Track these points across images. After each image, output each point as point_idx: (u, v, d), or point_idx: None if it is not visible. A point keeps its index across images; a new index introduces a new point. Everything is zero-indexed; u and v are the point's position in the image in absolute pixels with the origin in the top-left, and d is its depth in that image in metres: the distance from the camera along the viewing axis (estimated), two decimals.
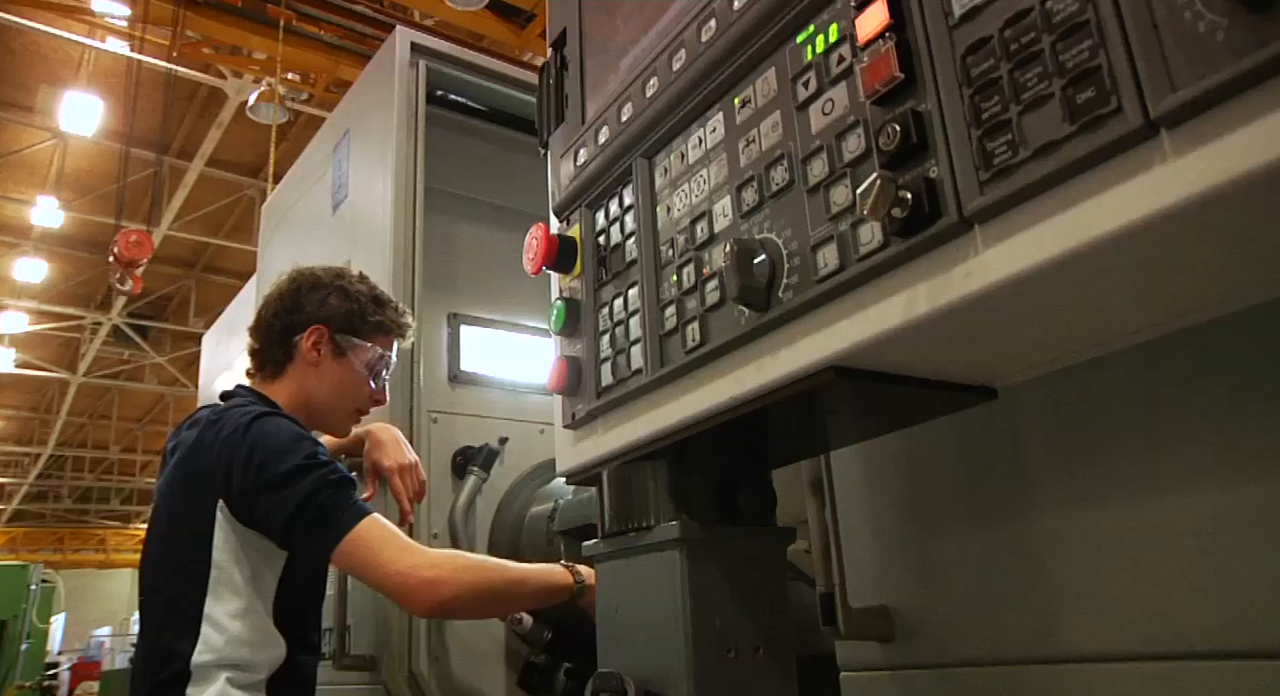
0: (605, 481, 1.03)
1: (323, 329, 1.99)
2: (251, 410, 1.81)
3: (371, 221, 2.63)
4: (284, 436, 1.75)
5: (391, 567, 1.65)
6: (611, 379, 0.92)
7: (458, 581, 1.68)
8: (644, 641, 0.94)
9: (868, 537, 1.08)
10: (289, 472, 1.69)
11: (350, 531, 1.67)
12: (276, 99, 9.91)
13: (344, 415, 2.06)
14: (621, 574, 1.00)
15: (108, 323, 14.00)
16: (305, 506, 1.67)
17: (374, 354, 2.03)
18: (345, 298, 2.03)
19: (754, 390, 0.76)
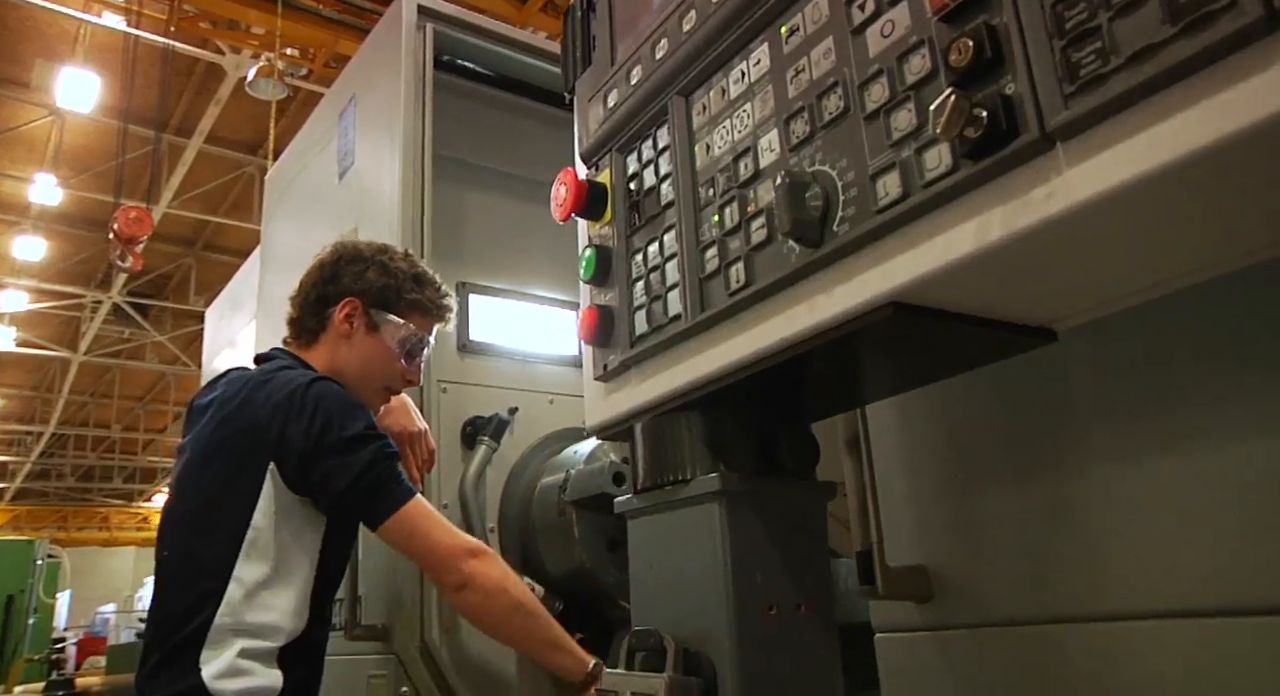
0: (638, 434, 0.99)
1: (357, 301, 1.96)
2: (306, 373, 1.81)
3: (379, 189, 2.59)
4: (344, 403, 1.76)
5: (441, 543, 1.69)
6: (647, 327, 0.88)
7: (495, 573, 1.71)
8: (682, 598, 0.92)
9: (903, 494, 1.05)
10: (352, 439, 1.69)
11: (404, 505, 1.69)
12: (275, 74, 9.82)
13: (373, 391, 2.01)
14: (657, 529, 0.97)
15: (108, 301, 13.92)
16: (365, 474, 1.67)
17: (408, 331, 1.99)
18: (384, 272, 2.00)
19: (806, 330, 0.72)
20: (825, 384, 0.93)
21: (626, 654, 0.94)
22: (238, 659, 1.62)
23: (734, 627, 0.86)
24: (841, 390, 0.97)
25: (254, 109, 10.90)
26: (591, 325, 0.96)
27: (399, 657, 2.16)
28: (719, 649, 0.86)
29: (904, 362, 0.85)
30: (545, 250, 2.90)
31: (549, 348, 2.83)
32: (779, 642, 0.88)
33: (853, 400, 0.99)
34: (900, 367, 0.87)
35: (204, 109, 10.95)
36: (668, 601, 0.94)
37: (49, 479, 21.07)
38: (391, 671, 2.17)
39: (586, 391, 1.03)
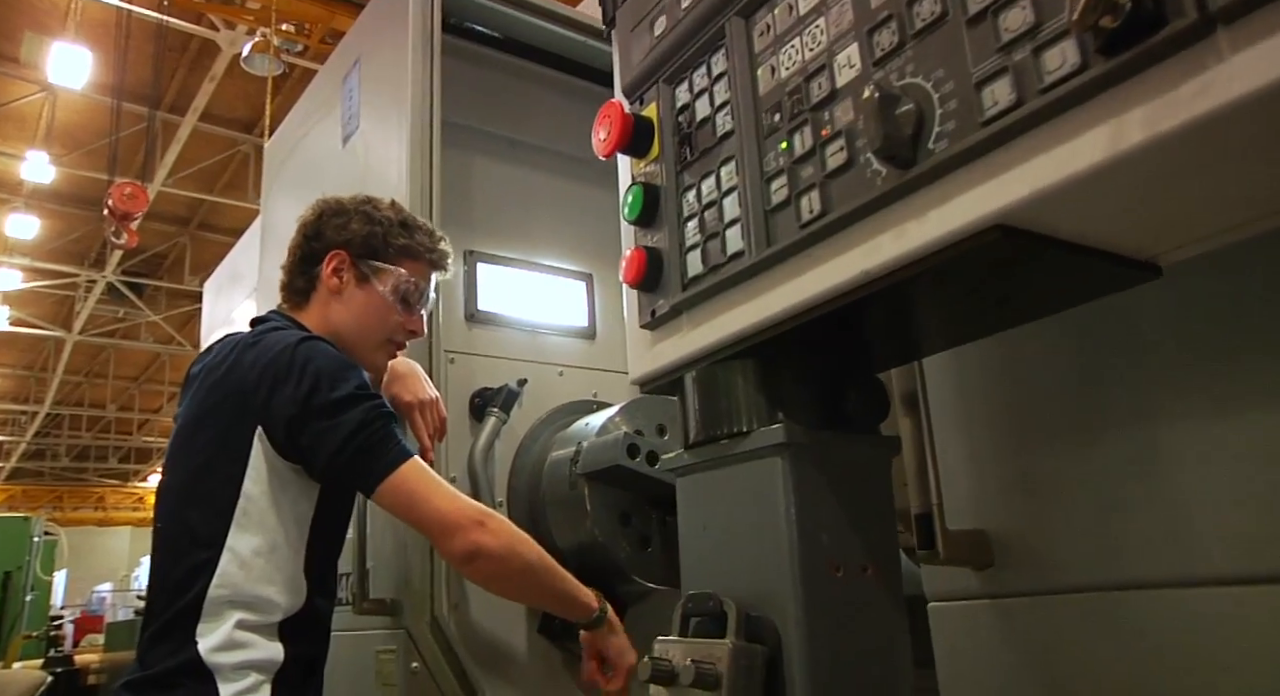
0: (689, 386, 0.92)
1: (343, 254, 1.88)
2: (296, 333, 1.73)
3: (385, 154, 2.51)
4: (334, 362, 1.67)
5: (443, 505, 1.61)
6: (702, 267, 0.82)
7: (503, 537, 1.64)
8: (740, 560, 0.85)
9: (958, 454, 0.99)
10: (341, 400, 1.61)
11: (400, 467, 1.60)
12: (271, 50, 9.71)
13: (372, 346, 1.93)
14: (712, 486, 0.90)
15: (102, 280, 13.82)
16: (356, 436, 1.59)
17: (400, 278, 1.91)
18: (368, 221, 1.91)
19: (891, 261, 0.66)
20: (896, 328, 0.86)
21: (680, 619, 0.87)
22: (236, 631, 1.56)
23: (800, 591, 0.79)
24: (910, 336, 0.90)
25: (249, 86, 10.81)
26: (639, 268, 0.88)
27: (409, 632, 2.10)
28: (783, 613, 0.79)
29: (987, 302, 0.78)
30: (554, 219, 2.84)
31: (558, 318, 2.77)
32: (846, 608, 0.82)
33: (920, 348, 0.93)
34: (980, 309, 0.81)
35: (198, 86, 10.84)
36: (724, 563, 0.87)
37: (44, 459, 20.99)
38: (401, 646, 2.11)
39: (630, 341, 0.96)
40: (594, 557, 2.42)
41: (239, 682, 1.55)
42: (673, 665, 0.82)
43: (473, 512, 1.63)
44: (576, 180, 2.94)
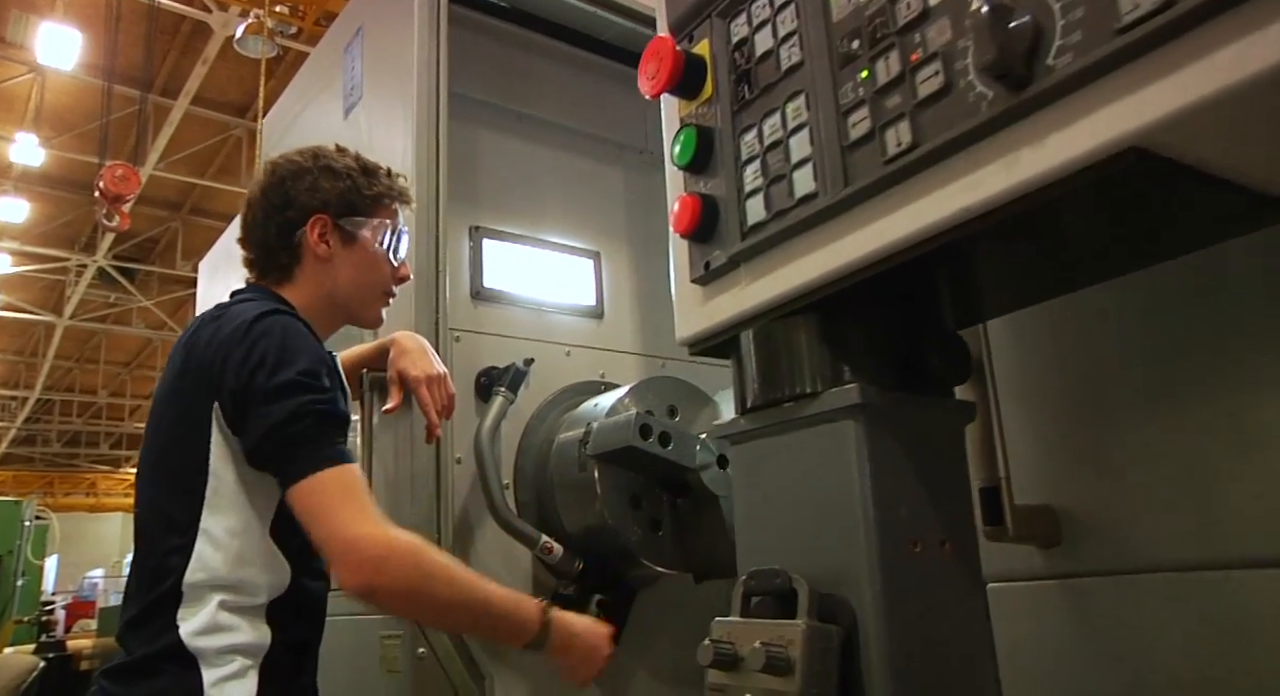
0: (747, 344, 0.85)
1: (323, 217, 1.78)
2: (262, 305, 1.63)
3: (390, 126, 2.43)
4: (288, 343, 1.55)
5: (344, 529, 1.43)
6: (764, 213, 0.74)
7: (402, 581, 1.45)
8: (808, 534, 0.78)
9: (1025, 424, 0.92)
10: (280, 386, 1.49)
11: (317, 473, 1.44)
12: (265, 32, 9.59)
13: (371, 302, 1.87)
14: (774, 454, 0.82)
15: (93, 265, 13.70)
16: (283, 428, 1.47)
17: (384, 228, 1.83)
18: (335, 176, 1.81)
19: (1001, 194, 0.58)
20: (977, 279, 0.79)
21: (742, 598, 0.80)
22: (219, 613, 1.49)
23: (878, 567, 0.72)
24: (991, 289, 0.82)
25: (242, 70, 10.68)
26: (692, 216, 0.81)
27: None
28: (858, 592, 0.72)
29: (1088, 249, 0.71)
30: (561, 196, 2.77)
31: (565, 297, 2.70)
32: (926, 586, 0.75)
33: (1000, 303, 0.85)
34: (1079, 257, 0.73)
35: (190, 69, 10.72)
36: (788, 538, 0.79)
37: (35, 444, 20.86)
38: (407, 631, 2.04)
39: (678, 298, 0.89)
40: (603, 541, 2.35)
41: (223, 667, 1.47)
42: (735, 648, 0.75)
43: (374, 550, 1.42)
44: (584, 156, 2.86)
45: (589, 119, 2.86)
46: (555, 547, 2.33)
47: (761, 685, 0.72)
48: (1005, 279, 0.79)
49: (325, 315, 1.82)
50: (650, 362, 2.83)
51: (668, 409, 2.45)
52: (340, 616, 2.31)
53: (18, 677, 2.69)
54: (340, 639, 2.30)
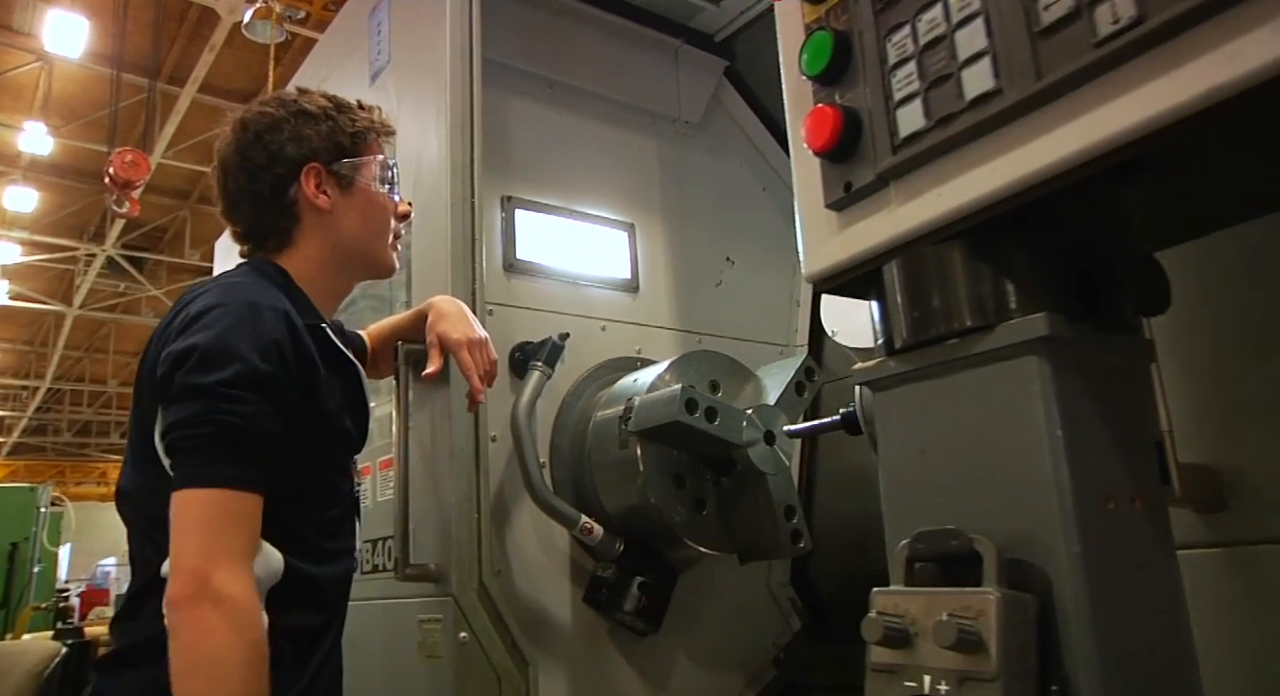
0: (893, 276, 0.75)
1: (316, 166, 1.66)
2: (236, 286, 1.51)
3: (421, 89, 2.34)
4: (224, 343, 1.41)
5: (185, 557, 1.31)
6: (923, 121, 0.65)
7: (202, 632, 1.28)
8: (980, 489, 0.68)
9: (1182, 373, 0.82)
10: (193, 388, 1.37)
11: (194, 489, 1.33)
12: (273, 17, 9.48)
13: (382, 247, 1.77)
14: (932, 400, 0.72)
15: (102, 254, 13.63)
16: (180, 428, 1.37)
17: (377, 163, 1.74)
18: (313, 120, 1.68)
19: (1263, 68, 0.48)
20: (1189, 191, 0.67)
21: (905, 564, 0.70)
22: None
23: (1074, 526, 0.62)
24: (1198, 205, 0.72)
25: (249, 57, 10.57)
26: (833, 130, 0.70)
27: (456, 601, 1.95)
28: (1050, 555, 0.63)
29: None
30: (594, 166, 2.68)
31: (600, 270, 2.62)
32: (1123, 549, 0.65)
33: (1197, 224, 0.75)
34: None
35: (197, 56, 10.60)
36: (952, 495, 0.69)
37: (46, 434, 20.87)
38: (449, 615, 1.96)
39: (805, 229, 0.79)
40: (644, 521, 2.27)
41: None
42: (905, 623, 0.66)
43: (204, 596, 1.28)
44: (617, 125, 2.77)
45: (621, 86, 2.77)
46: (596, 528, 2.25)
47: (944, 663, 0.62)
48: (1216, 192, 0.69)
49: (339, 273, 1.72)
50: (686, 338, 2.75)
51: (709, 384, 2.36)
52: (374, 600, 2.24)
53: (41, 662, 2.62)
54: (374, 623, 2.23)
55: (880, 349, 0.77)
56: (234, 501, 1.35)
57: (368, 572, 2.28)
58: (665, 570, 2.34)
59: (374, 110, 1.81)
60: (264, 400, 1.41)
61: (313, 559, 1.53)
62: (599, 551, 2.29)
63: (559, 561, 2.34)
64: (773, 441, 2.26)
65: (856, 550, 2.83)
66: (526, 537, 2.28)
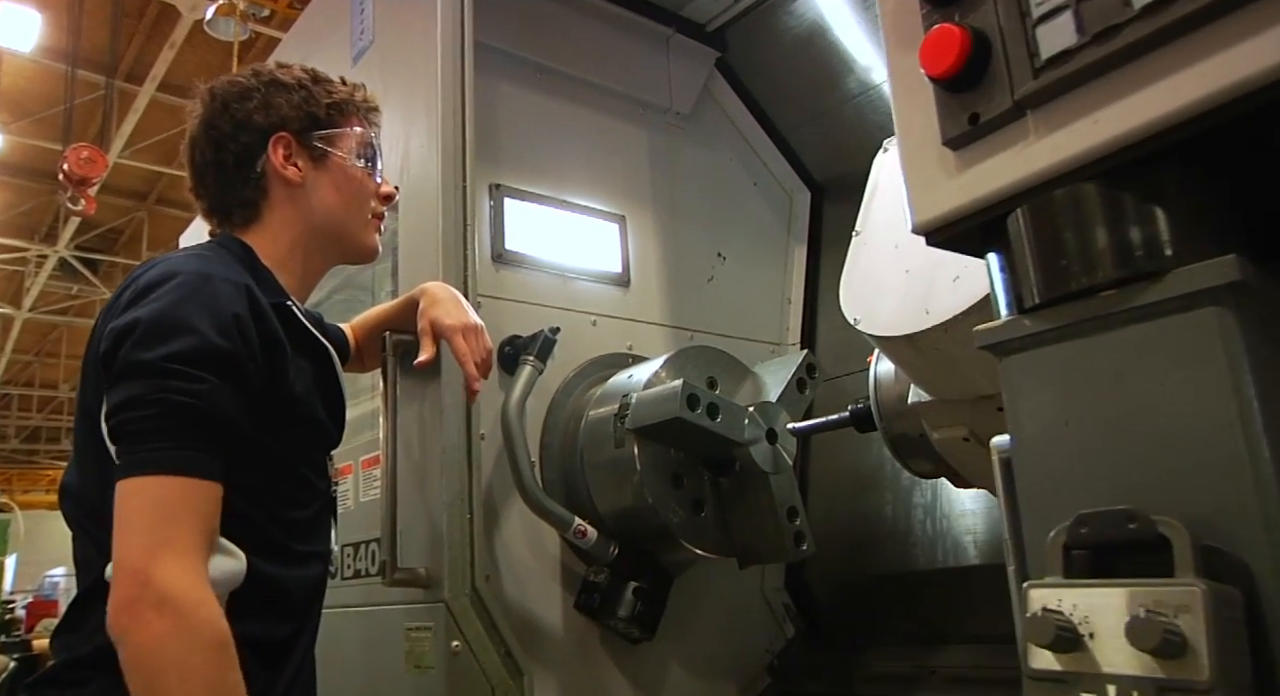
0: (1021, 223, 0.65)
1: (285, 135, 1.55)
2: (173, 266, 1.35)
3: (409, 70, 2.22)
4: (173, 315, 1.27)
5: (127, 556, 1.18)
6: (1074, 38, 0.56)
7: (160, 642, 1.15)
8: (1148, 465, 0.58)
9: None
10: (141, 364, 1.24)
11: (139, 477, 1.20)
12: (236, 13, 9.29)
13: (362, 225, 1.65)
14: (1080, 362, 0.63)
15: (54, 255, 13.26)
16: (124, 409, 1.23)
17: (357, 136, 1.63)
18: (286, 90, 1.57)
19: None
20: None
21: (1063, 552, 0.60)
22: None
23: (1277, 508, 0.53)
24: None
25: (210, 56, 10.33)
26: (960, 51, 0.61)
27: (447, 607, 1.83)
28: (1250, 543, 0.53)
29: None
30: (585, 156, 2.59)
31: (590, 262, 2.52)
32: None
33: None
34: None
35: (157, 54, 10.35)
36: (1112, 472, 0.59)
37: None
38: (440, 623, 1.84)
39: (913, 172, 0.69)
40: (640, 523, 2.17)
41: None
42: (1075, 622, 0.55)
43: (147, 596, 1.15)
44: (608, 114, 2.68)
45: (612, 74, 2.68)
46: (589, 531, 2.15)
47: (1137, 670, 0.51)
48: None
49: (312, 253, 1.59)
50: (678, 335, 2.66)
51: (707, 381, 2.27)
52: (355, 607, 2.12)
53: None
54: (355, 632, 2.10)
55: (1004, 308, 0.68)
56: (184, 489, 1.21)
57: (348, 578, 2.15)
58: (660, 574, 2.25)
59: (357, 87, 1.70)
60: (221, 378, 1.27)
61: (279, 561, 1.40)
62: (592, 555, 2.19)
63: (549, 565, 2.24)
64: (775, 440, 2.18)
65: (852, 554, 2.76)
66: (515, 540, 2.17)
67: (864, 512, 2.74)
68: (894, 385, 1.75)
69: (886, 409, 1.76)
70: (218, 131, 1.54)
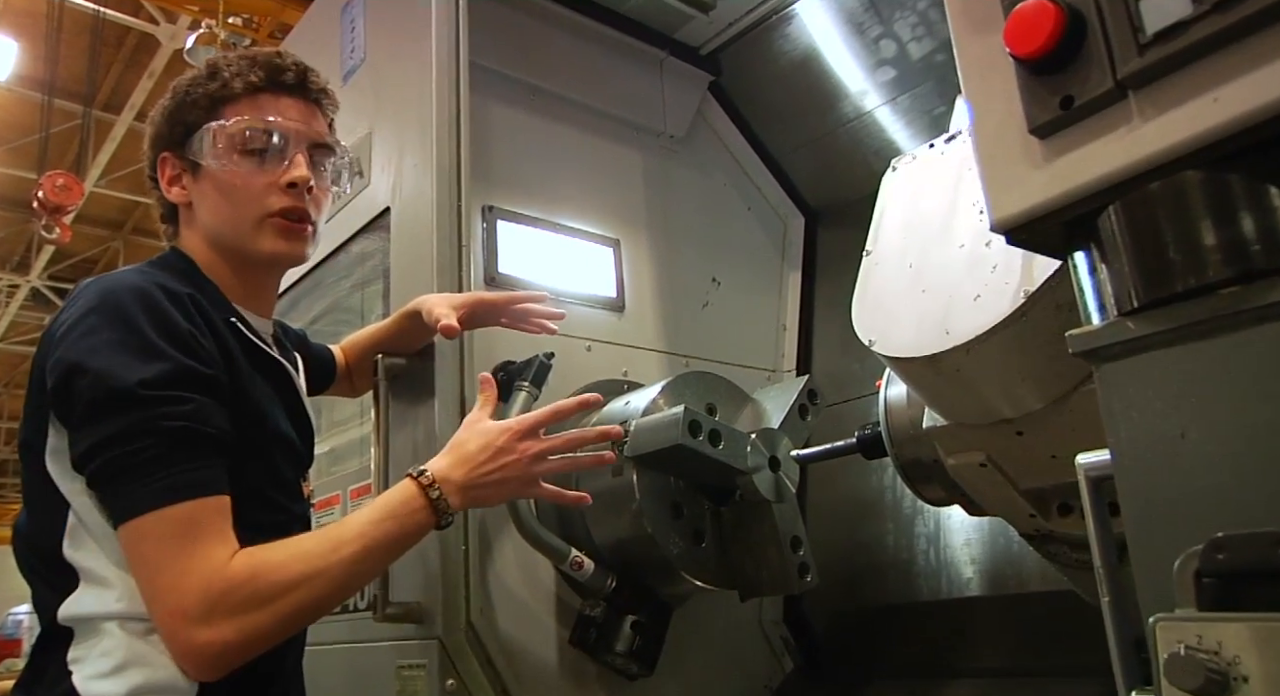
0: (1114, 220, 0.60)
1: (166, 156, 1.45)
2: (104, 285, 1.27)
3: (402, 87, 2.17)
4: (126, 338, 1.19)
5: (161, 599, 1.14)
6: (1189, 9, 0.51)
7: (242, 635, 1.15)
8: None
9: None
10: (110, 399, 1.15)
11: (143, 515, 1.14)
12: (217, 43, 9.25)
13: (248, 232, 1.42)
14: (1197, 367, 0.56)
15: (26, 285, 13.12)
16: (106, 449, 1.15)
17: (218, 131, 1.39)
18: (167, 101, 1.47)
19: None
20: None
21: (1195, 580, 0.53)
22: (125, 644, 1.19)
23: None
24: None
25: None
26: (1054, 27, 0.55)
27: (442, 644, 1.75)
28: None
29: None
30: (579, 178, 2.54)
31: (584, 287, 2.47)
32: None
33: None
34: None
35: (135, 83, 10.34)
36: (1241, 491, 0.53)
37: None
38: (433, 660, 1.76)
39: (992, 164, 0.63)
40: (637, 554, 2.10)
41: None
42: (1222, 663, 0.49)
43: (192, 625, 1.12)
44: (601, 136, 2.64)
45: (605, 96, 2.64)
46: (586, 563, 2.08)
47: None
48: None
49: (228, 269, 1.45)
50: (673, 361, 2.61)
51: (706, 407, 2.22)
52: (341, 644, 2.03)
53: None
54: (340, 671, 2.01)
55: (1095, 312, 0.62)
56: (194, 511, 1.16)
57: (335, 613, 2.06)
58: (659, 607, 2.17)
59: (270, 58, 1.48)
60: (204, 395, 1.21)
61: None
62: (589, 587, 2.12)
63: (544, 599, 2.16)
64: (778, 467, 2.12)
65: (852, 585, 2.70)
66: (510, 573, 2.09)
67: (864, 542, 2.68)
68: (906, 409, 1.70)
69: (898, 434, 1.71)
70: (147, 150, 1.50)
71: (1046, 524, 1.55)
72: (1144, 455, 0.59)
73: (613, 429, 1.60)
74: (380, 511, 1.31)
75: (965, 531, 2.44)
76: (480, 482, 1.40)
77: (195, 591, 1.13)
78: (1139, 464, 0.59)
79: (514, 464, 1.43)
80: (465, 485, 1.38)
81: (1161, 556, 0.56)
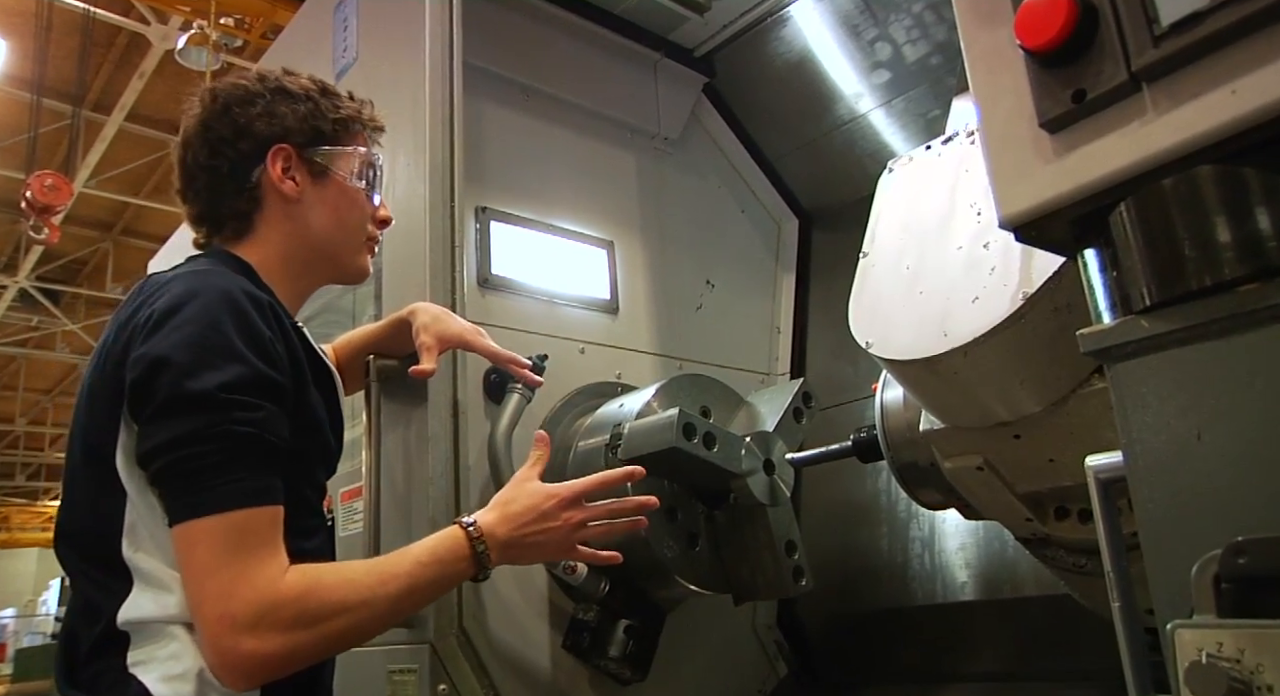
0: (1125, 217, 0.59)
1: (286, 148, 1.47)
2: (194, 283, 1.28)
3: (394, 87, 2.15)
4: (214, 337, 1.22)
5: (210, 603, 1.15)
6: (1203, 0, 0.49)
7: (285, 650, 1.16)
8: None
9: None
10: (189, 397, 1.17)
11: (201, 520, 1.15)
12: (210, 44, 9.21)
13: (355, 248, 1.58)
14: (1214, 366, 0.55)
15: (14, 286, 13.02)
16: (175, 448, 1.16)
17: (359, 157, 1.56)
18: (292, 99, 1.49)
19: None
20: None
21: (1214, 585, 0.52)
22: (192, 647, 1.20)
23: None
24: None
25: (180, 86, 10.19)
26: (1066, 19, 0.54)
27: (434, 648, 1.73)
28: None
29: None
30: (573, 179, 2.53)
31: (578, 289, 2.45)
32: None
33: None
34: None
35: (125, 83, 10.27)
36: (1259, 493, 0.52)
37: None
38: (425, 665, 1.74)
39: (1000, 159, 0.62)
40: (632, 557, 2.07)
41: None
42: (1244, 672, 0.47)
43: (239, 634, 1.13)
44: (595, 138, 2.63)
45: (599, 97, 2.63)
46: (579, 567, 2.06)
47: None
48: None
49: (303, 271, 1.52)
50: (667, 364, 2.59)
51: (700, 410, 2.20)
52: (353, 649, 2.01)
53: None
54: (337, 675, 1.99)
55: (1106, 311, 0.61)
56: (250, 519, 1.18)
57: None
58: (652, 612, 2.16)
59: (365, 104, 1.63)
60: (274, 403, 1.24)
61: None
62: (582, 592, 2.10)
63: (536, 603, 2.14)
64: (772, 471, 2.11)
65: (846, 589, 2.69)
66: (502, 577, 2.07)
67: (858, 546, 2.67)
68: (903, 412, 1.69)
69: (894, 437, 1.70)
70: (215, 134, 1.46)
71: (1043, 528, 1.54)
72: (1158, 457, 0.58)
73: (649, 499, 1.61)
74: (428, 554, 1.35)
75: (960, 536, 2.43)
76: (521, 543, 1.45)
77: (246, 600, 1.14)
78: (1153, 466, 0.58)
79: (556, 530, 1.47)
80: (507, 543, 1.42)
81: (1177, 560, 0.55)
